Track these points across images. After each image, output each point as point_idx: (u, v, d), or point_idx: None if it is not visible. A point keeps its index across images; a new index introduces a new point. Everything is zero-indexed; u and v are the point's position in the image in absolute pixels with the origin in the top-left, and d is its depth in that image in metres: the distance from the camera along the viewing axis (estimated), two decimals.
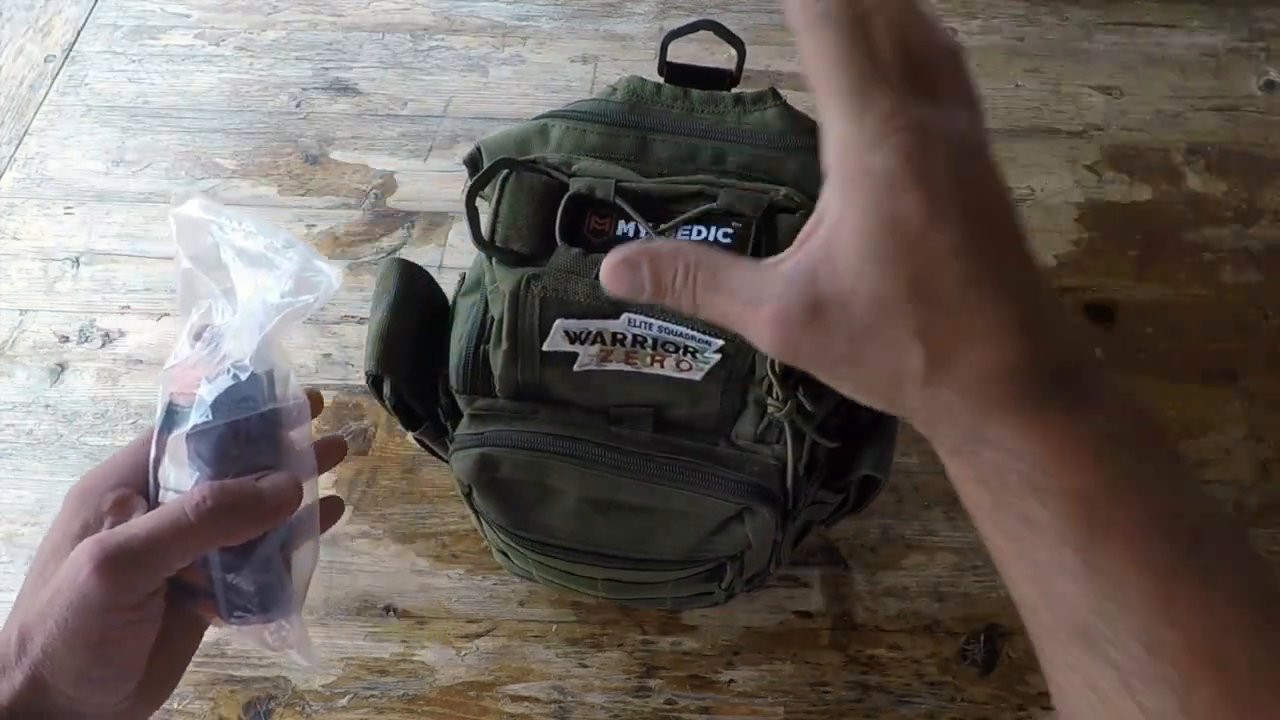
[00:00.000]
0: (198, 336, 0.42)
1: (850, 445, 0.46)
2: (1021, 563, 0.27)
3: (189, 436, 0.39)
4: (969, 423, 0.27)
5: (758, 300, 0.28)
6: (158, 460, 0.41)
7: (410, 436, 0.50)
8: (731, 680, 0.59)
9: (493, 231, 0.41)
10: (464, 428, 0.45)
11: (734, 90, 0.47)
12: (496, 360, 0.43)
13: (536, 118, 0.46)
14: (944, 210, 0.25)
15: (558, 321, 0.40)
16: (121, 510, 0.39)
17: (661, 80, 0.46)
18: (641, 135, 0.44)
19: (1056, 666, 0.27)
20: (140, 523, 0.37)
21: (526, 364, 0.42)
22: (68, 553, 0.37)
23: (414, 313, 0.47)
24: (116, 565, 0.35)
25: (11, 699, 0.35)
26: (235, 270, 0.42)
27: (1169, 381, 0.70)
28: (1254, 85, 0.86)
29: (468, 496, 0.48)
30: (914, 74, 0.26)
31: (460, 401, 0.46)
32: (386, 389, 0.46)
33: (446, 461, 0.51)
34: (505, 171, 0.41)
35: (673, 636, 0.60)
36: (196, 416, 0.39)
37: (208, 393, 0.39)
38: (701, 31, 0.47)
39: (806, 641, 0.60)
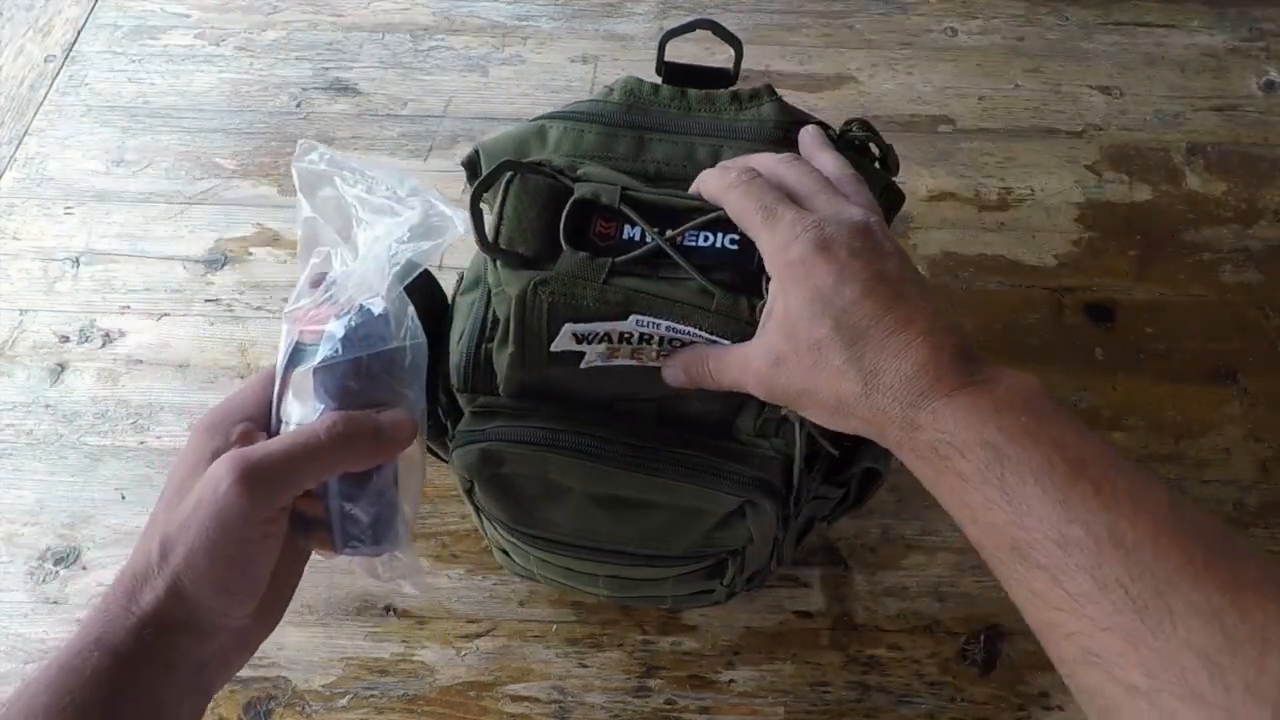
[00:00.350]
0: (316, 283, 0.43)
1: (850, 441, 0.46)
2: (963, 509, 0.34)
3: (316, 371, 0.40)
4: (902, 417, 0.35)
5: (746, 365, 0.39)
6: (280, 395, 0.42)
7: None
8: (731, 680, 0.59)
9: (497, 233, 0.41)
10: (466, 424, 0.45)
11: (731, 89, 0.47)
12: (501, 362, 0.43)
13: (534, 119, 0.46)
14: (847, 272, 0.36)
15: (566, 325, 0.40)
16: (247, 441, 0.41)
17: (660, 80, 0.46)
18: (639, 135, 0.44)
19: (1009, 584, 0.33)
20: (276, 441, 0.39)
21: (533, 365, 0.42)
22: (203, 472, 0.39)
23: (416, 310, 0.47)
24: (255, 478, 0.37)
25: (155, 606, 0.37)
26: (359, 218, 0.43)
27: (1169, 381, 0.70)
28: (1254, 85, 0.86)
29: (469, 492, 0.48)
30: (809, 196, 0.39)
31: (461, 400, 0.46)
32: None
33: (444, 460, 0.51)
34: (509, 174, 0.41)
35: (673, 636, 0.60)
36: (325, 351, 0.40)
37: (337, 329, 0.41)
38: (701, 31, 0.47)
39: (806, 641, 0.60)
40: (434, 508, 0.65)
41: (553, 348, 0.41)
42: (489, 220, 0.42)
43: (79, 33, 0.92)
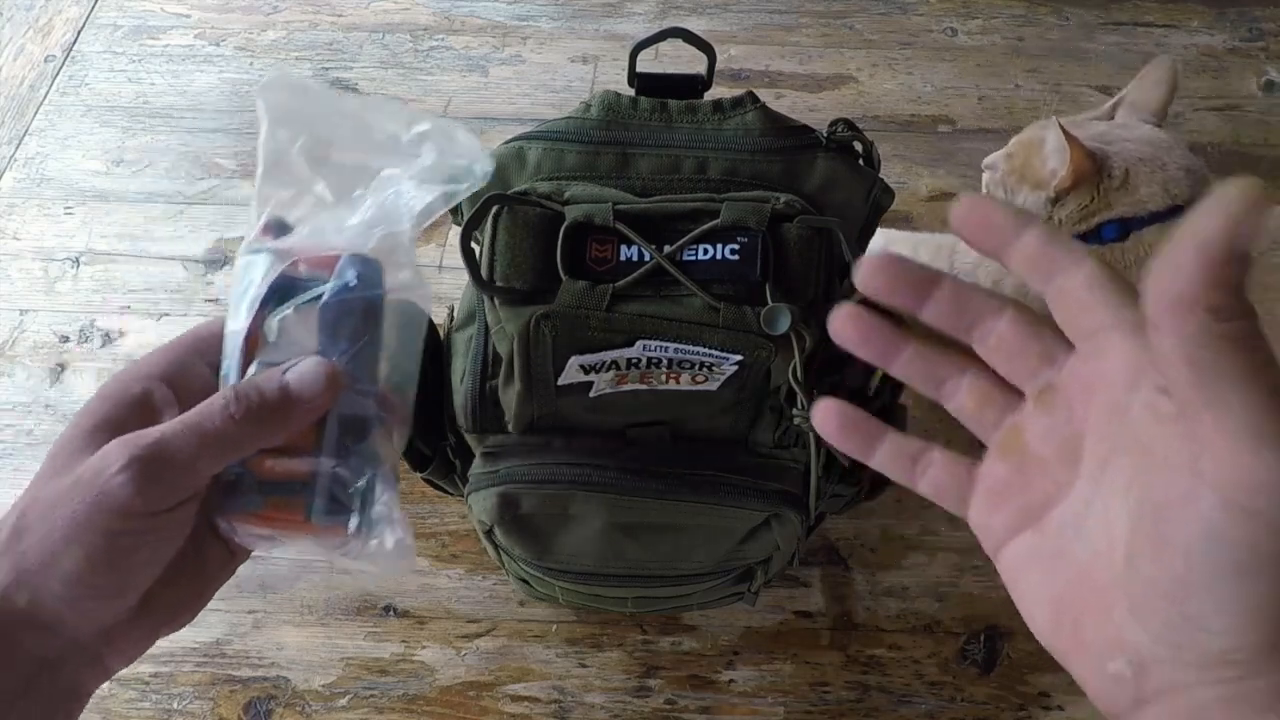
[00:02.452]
0: (270, 230, 0.38)
1: None
2: None
3: (325, 307, 0.36)
4: None
5: None
6: (251, 336, 0.36)
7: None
8: (731, 680, 0.59)
9: (491, 270, 0.40)
10: (478, 467, 0.44)
11: (713, 97, 0.46)
12: (509, 400, 0.42)
13: (509, 140, 0.44)
14: None
15: (572, 358, 0.39)
16: (149, 414, 0.35)
17: (633, 92, 0.45)
18: (621, 150, 0.42)
19: None
20: (175, 424, 0.34)
21: (541, 400, 0.42)
22: (91, 449, 0.34)
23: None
24: (151, 467, 0.33)
25: None
26: (342, 166, 0.38)
27: None
28: (1254, 85, 0.86)
29: (488, 534, 0.47)
30: None
31: (471, 440, 0.45)
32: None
33: (449, 493, 0.50)
34: (496, 207, 0.40)
35: (673, 636, 0.60)
36: (334, 286, 0.35)
37: (351, 263, 0.36)
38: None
39: (806, 641, 0.60)
40: (434, 508, 0.65)
41: (560, 381, 0.40)
42: (481, 256, 0.40)
43: (79, 33, 0.91)
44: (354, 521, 0.36)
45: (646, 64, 0.42)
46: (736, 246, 0.39)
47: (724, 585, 0.52)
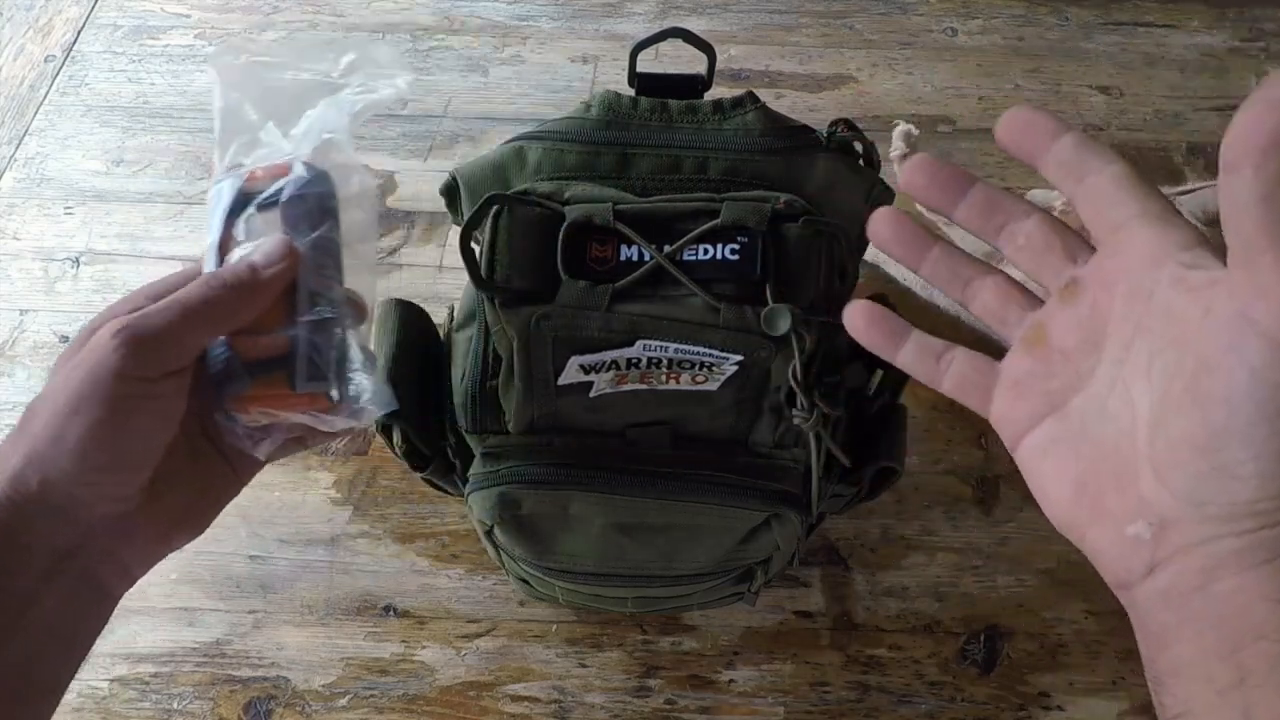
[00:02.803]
0: (230, 170, 0.42)
1: (862, 441, 0.46)
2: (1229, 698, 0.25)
3: (285, 204, 0.39)
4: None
5: None
6: (223, 242, 0.40)
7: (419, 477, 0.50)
8: (731, 680, 0.59)
9: (491, 270, 0.40)
10: (478, 467, 0.44)
11: (713, 97, 0.46)
12: (509, 401, 0.42)
13: (508, 141, 0.44)
14: None
15: (572, 358, 0.40)
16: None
17: (633, 92, 0.45)
18: (621, 150, 0.42)
19: None
20: (160, 303, 0.37)
21: (541, 401, 0.42)
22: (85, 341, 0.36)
23: (415, 354, 0.46)
24: (139, 337, 0.35)
25: (5, 477, 0.34)
26: (279, 111, 0.42)
27: None
28: (1254, 85, 0.86)
29: (488, 534, 0.47)
30: None
31: (471, 440, 0.45)
32: (396, 436, 0.45)
33: (449, 493, 0.50)
34: (496, 207, 0.40)
35: (673, 636, 0.60)
36: (290, 183, 0.39)
37: (300, 168, 0.40)
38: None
39: (806, 641, 0.60)
40: (434, 508, 0.65)
41: (560, 381, 0.41)
42: (480, 256, 0.41)
43: (79, 33, 0.91)
44: (334, 386, 0.39)
45: (647, 64, 0.42)
46: (736, 246, 0.39)
47: (724, 585, 0.52)
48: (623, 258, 0.40)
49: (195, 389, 0.38)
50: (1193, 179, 0.79)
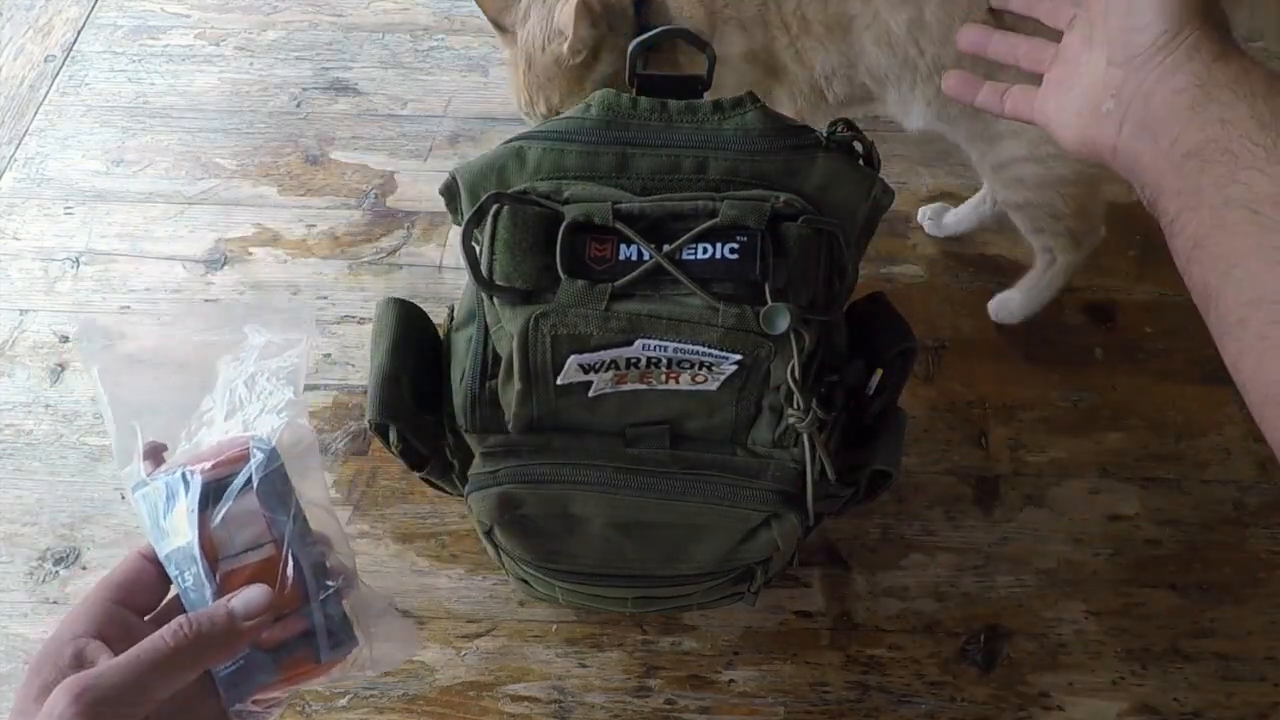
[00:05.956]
0: (150, 455, 0.42)
1: (860, 442, 0.46)
2: (1223, 158, 0.36)
3: (260, 484, 0.40)
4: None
5: None
6: (206, 543, 0.40)
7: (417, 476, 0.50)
8: (731, 680, 0.59)
9: (491, 270, 0.40)
10: (478, 467, 0.44)
11: (713, 97, 0.46)
12: (509, 400, 0.42)
13: (508, 141, 0.44)
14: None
15: (572, 357, 0.40)
16: (83, 662, 0.37)
17: (633, 92, 0.45)
18: (621, 150, 0.42)
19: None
20: (119, 659, 0.36)
21: (541, 400, 0.42)
22: (38, 707, 0.35)
23: (412, 354, 0.46)
24: (99, 704, 0.34)
25: None
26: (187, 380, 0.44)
27: (1169, 381, 0.70)
28: None
29: (488, 534, 0.47)
30: None
31: (470, 440, 0.45)
32: (392, 436, 0.45)
33: (448, 493, 0.50)
34: (495, 206, 0.40)
35: (673, 636, 0.60)
36: (256, 467, 0.40)
37: (260, 445, 0.40)
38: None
39: (806, 641, 0.60)
40: (433, 508, 0.65)
41: (559, 380, 0.41)
42: (480, 255, 0.41)
43: (79, 33, 0.92)
44: (356, 644, 0.42)
45: None
46: (736, 246, 0.39)
47: (724, 585, 0.52)
48: (622, 257, 0.40)
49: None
50: None
